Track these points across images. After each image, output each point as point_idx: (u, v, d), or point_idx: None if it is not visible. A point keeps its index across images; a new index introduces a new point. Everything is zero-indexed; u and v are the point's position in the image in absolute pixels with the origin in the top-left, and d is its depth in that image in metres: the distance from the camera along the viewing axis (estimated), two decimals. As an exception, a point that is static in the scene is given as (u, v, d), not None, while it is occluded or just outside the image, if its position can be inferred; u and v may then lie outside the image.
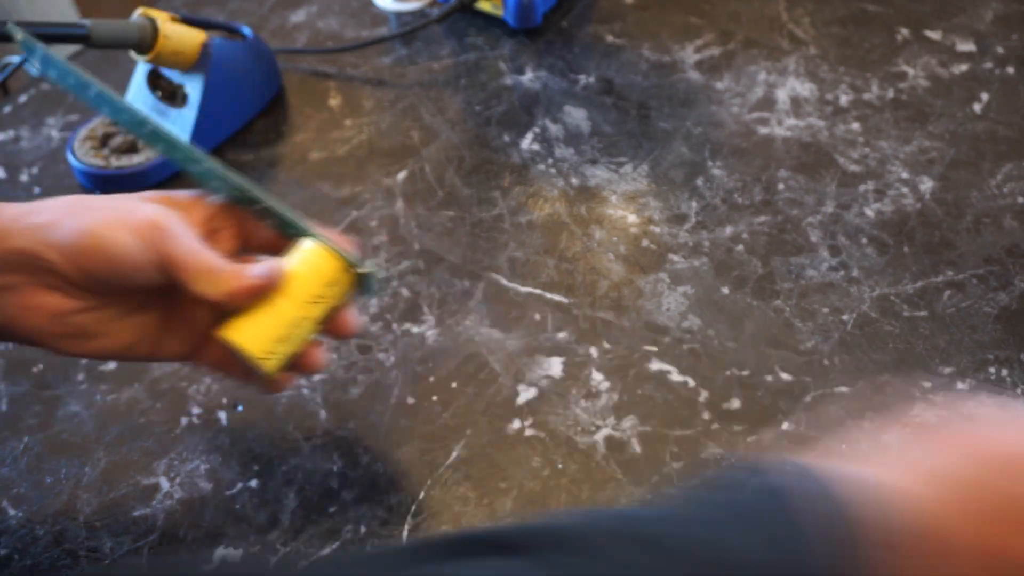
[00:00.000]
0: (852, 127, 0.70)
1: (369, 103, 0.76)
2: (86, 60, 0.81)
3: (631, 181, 0.68)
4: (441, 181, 0.69)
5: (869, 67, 0.75)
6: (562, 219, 0.66)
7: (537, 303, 0.61)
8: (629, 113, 0.73)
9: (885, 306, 0.60)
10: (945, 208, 0.65)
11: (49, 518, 0.53)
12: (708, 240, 0.64)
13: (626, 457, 0.54)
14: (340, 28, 0.83)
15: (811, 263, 0.62)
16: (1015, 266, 0.61)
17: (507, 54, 0.79)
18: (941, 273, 0.61)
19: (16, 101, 0.78)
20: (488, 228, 0.66)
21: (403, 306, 0.62)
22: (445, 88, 0.76)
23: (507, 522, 0.52)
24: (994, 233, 0.63)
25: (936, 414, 0.55)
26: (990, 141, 0.69)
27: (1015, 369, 0.56)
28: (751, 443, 0.54)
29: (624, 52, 0.78)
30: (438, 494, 0.53)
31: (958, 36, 0.77)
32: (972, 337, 0.58)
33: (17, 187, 0.71)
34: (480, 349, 0.59)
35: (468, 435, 0.55)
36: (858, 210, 0.65)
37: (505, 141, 0.72)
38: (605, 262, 0.64)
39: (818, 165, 0.68)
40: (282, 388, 0.50)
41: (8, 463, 0.56)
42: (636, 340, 0.59)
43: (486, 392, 0.57)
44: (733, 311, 0.60)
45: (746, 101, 0.73)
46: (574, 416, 0.56)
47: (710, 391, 0.56)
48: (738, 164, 0.69)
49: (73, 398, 0.58)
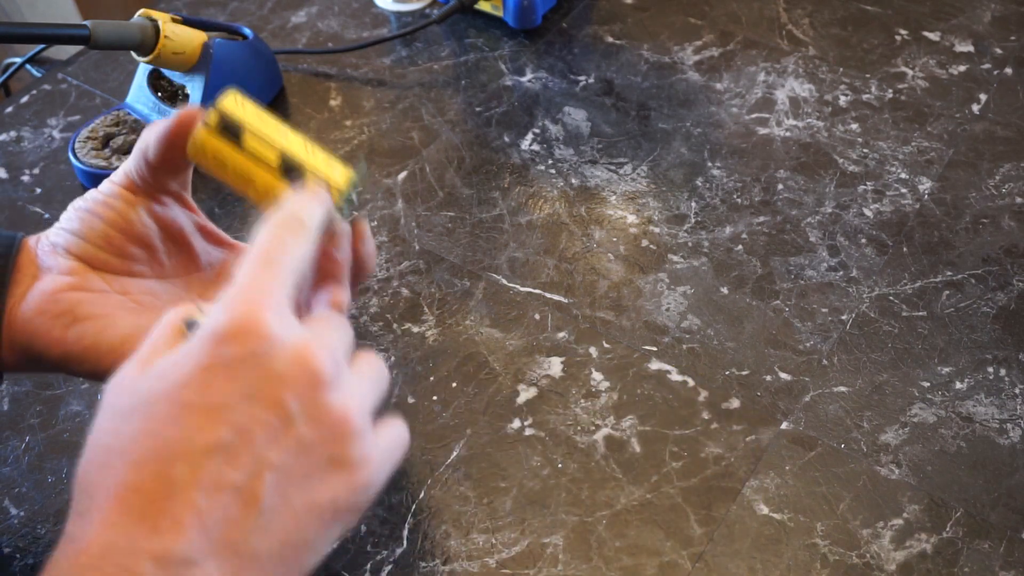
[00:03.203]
0: (851, 128, 0.71)
1: (369, 104, 0.76)
2: (87, 61, 0.81)
3: (631, 181, 0.69)
4: (441, 181, 0.70)
5: (868, 68, 0.75)
6: (562, 219, 0.66)
7: (537, 303, 0.62)
8: (629, 114, 0.73)
9: (884, 306, 0.60)
10: (944, 208, 0.65)
11: (51, 517, 0.53)
12: (707, 240, 0.64)
13: (626, 456, 0.54)
14: (340, 29, 0.83)
15: (810, 263, 0.63)
16: (1013, 266, 0.62)
17: (507, 55, 0.79)
18: (940, 273, 0.62)
19: (17, 101, 0.78)
20: (488, 228, 0.66)
21: (403, 306, 0.62)
22: (445, 89, 0.77)
23: (507, 521, 0.52)
24: (992, 233, 0.64)
25: (935, 413, 0.55)
26: (988, 141, 0.69)
27: (1013, 369, 0.56)
28: (750, 442, 0.54)
29: (624, 53, 0.78)
30: (438, 494, 0.53)
31: (957, 37, 0.77)
32: (970, 337, 0.58)
33: (19, 187, 0.72)
34: (480, 349, 0.59)
35: (468, 435, 0.56)
36: (857, 210, 0.65)
37: (505, 141, 0.72)
38: (605, 262, 0.64)
39: (817, 165, 0.68)
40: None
41: (10, 462, 0.56)
42: (636, 340, 0.59)
43: (486, 392, 0.57)
44: (732, 311, 0.60)
45: (745, 102, 0.73)
46: (574, 416, 0.56)
47: (709, 391, 0.57)
48: (737, 164, 0.69)
49: (75, 398, 0.59)
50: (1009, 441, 0.54)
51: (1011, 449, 0.53)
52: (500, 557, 0.51)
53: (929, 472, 0.53)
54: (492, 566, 0.50)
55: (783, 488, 0.52)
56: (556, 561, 0.50)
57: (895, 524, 0.51)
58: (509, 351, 0.59)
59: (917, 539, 0.50)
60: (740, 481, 0.53)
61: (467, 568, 0.50)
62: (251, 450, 0.32)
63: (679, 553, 0.50)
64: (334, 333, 0.36)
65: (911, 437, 0.54)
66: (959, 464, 0.53)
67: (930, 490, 0.52)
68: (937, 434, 0.54)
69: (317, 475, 0.33)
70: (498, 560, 0.50)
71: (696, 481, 0.53)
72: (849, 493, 0.52)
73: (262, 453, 0.32)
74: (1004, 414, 0.55)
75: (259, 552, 0.32)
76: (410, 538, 0.52)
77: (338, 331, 0.36)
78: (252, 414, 0.32)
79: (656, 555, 0.50)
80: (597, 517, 0.52)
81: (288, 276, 0.35)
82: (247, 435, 0.32)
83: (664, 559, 0.50)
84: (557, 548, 0.51)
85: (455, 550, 0.51)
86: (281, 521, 0.32)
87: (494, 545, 0.51)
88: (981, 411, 0.55)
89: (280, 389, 0.32)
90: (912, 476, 0.52)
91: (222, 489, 0.31)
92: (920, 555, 0.50)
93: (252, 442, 0.32)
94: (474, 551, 0.51)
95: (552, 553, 0.51)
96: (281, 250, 0.35)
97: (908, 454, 0.53)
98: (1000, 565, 0.49)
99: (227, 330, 0.32)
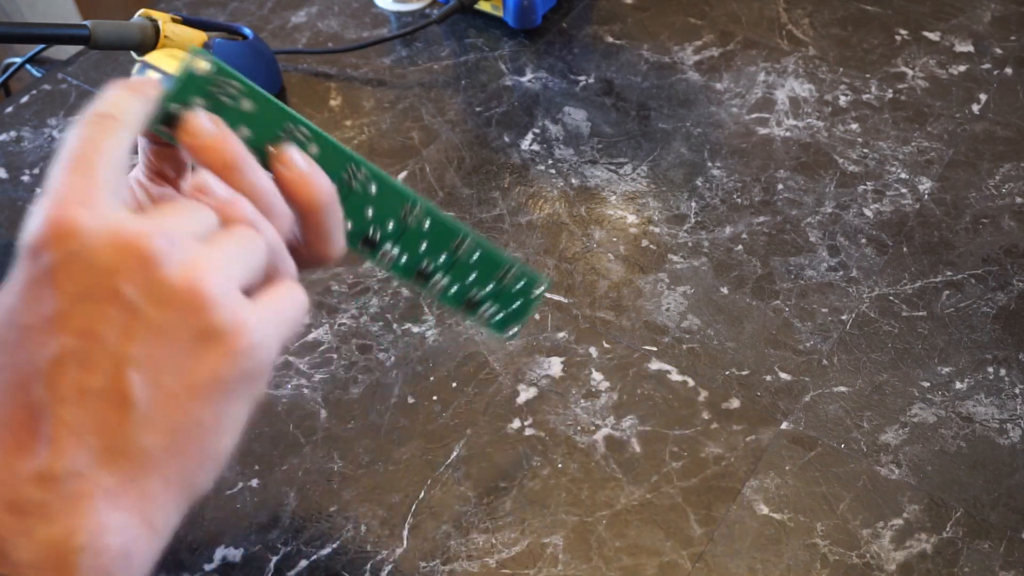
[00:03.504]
0: (851, 127, 0.71)
1: (369, 104, 0.76)
2: (87, 61, 0.81)
3: (631, 181, 0.69)
4: (441, 181, 0.70)
5: (868, 68, 0.75)
6: (562, 219, 0.66)
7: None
8: (629, 114, 0.73)
9: (884, 306, 0.60)
10: (944, 208, 0.65)
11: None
12: (707, 240, 0.64)
13: (626, 456, 0.54)
14: (340, 29, 0.83)
15: (810, 263, 0.63)
16: (1013, 266, 0.62)
17: (507, 55, 0.79)
18: (940, 273, 0.62)
19: (18, 101, 0.78)
20: (488, 228, 0.66)
21: (403, 306, 0.62)
22: (445, 89, 0.77)
23: (507, 521, 0.52)
24: (992, 233, 0.64)
25: (935, 413, 0.55)
26: (988, 141, 0.69)
27: (1013, 369, 0.56)
28: (750, 442, 0.54)
29: (624, 53, 0.78)
30: (438, 494, 0.53)
31: (957, 37, 0.77)
32: (970, 337, 0.58)
33: (19, 187, 0.72)
34: (480, 349, 0.59)
35: (468, 435, 0.56)
36: (857, 210, 0.65)
37: (505, 141, 0.72)
38: (605, 262, 0.64)
39: (817, 165, 0.68)
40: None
41: (10, 463, 0.56)
42: (636, 340, 0.59)
43: (486, 392, 0.57)
44: (732, 311, 0.60)
45: (745, 102, 0.73)
46: (574, 416, 0.56)
47: (709, 391, 0.57)
48: (737, 164, 0.69)
49: (74, 398, 0.59)
50: (1009, 441, 0.54)
51: (1011, 449, 0.53)
52: (500, 557, 0.51)
53: (929, 472, 0.53)
54: (492, 566, 0.50)
55: (783, 488, 0.52)
56: (556, 561, 0.50)
57: (895, 524, 0.51)
58: (509, 351, 0.59)
59: (917, 539, 0.50)
60: (740, 481, 0.53)
61: (467, 568, 0.50)
62: (103, 349, 0.30)
63: (679, 553, 0.50)
64: (171, 213, 0.34)
65: (911, 437, 0.54)
66: (959, 464, 0.53)
67: (930, 490, 0.52)
68: (937, 434, 0.54)
69: (186, 354, 0.31)
70: (498, 560, 0.50)
71: (696, 481, 0.53)
72: (849, 493, 0.52)
73: (116, 349, 0.30)
74: (1004, 414, 0.55)
75: (149, 448, 0.31)
76: (410, 538, 0.52)
77: (179, 210, 0.34)
78: (90, 313, 0.30)
79: (656, 555, 0.50)
80: (597, 517, 0.52)
81: (101, 173, 0.32)
82: (92, 336, 0.30)
83: (664, 559, 0.50)
84: (557, 548, 0.51)
85: (455, 550, 0.51)
86: (163, 412, 0.31)
87: (494, 545, 0.51)
88: (981, 411, 0.55)
89: (109, 279, 0.31)
90: (912, 476, 0.52)
91: (86, 396, 0.30)
92: (920, 555, 0.50)
93: (100, 341, 0.30)
94: (474, 551, 0.51)
95: (552, 553, 0.51)
96: (91, 149, 0.33)
97: (908, 454, 0.53)
98: (1000, 565, 0.49)
99: (39, 239, 0.31)
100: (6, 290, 0.32)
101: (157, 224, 0.32)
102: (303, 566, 0.51)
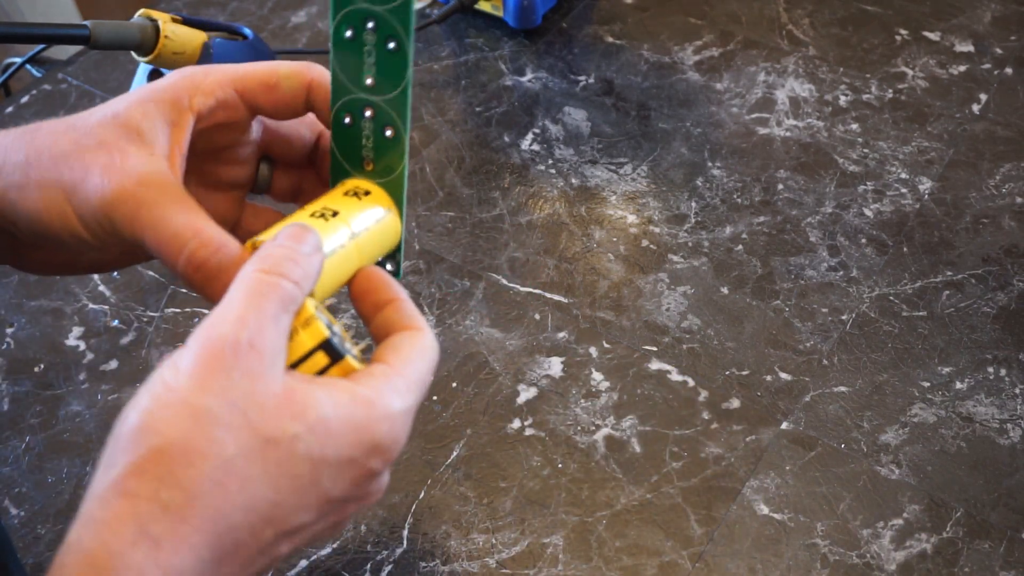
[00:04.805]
0: (851, 127, 0.71)
1: (369, 104, 0.76)
2: (87, 61, 0.81)
3: (631, 181, 0.69)
4: (441, 181, 0.70)
5: (868, 68, 0.75)
6: (562, 219, 0.66)
7: (537, 303, 0.62)
8: (629, 114, 0.73)
9: (884, 306, 0.60)
10: (944, 208, 0.65)
11: (51, 517, 0.53)
12: (708, 240, 0.64)
13: (626, 456, 0.54)
14: (340, 29, 0.83)
15: (810, 263, 0.63)
16: (1013, 266, 0.62)
17: (507, 55, 0.79)
18: (940, 273, 0.62)
19: (18, 101, 0.78)
20: (488, 228, 0.66)
21: (403, 306, 0.62)
22: (445, 89, 0.77)
23: (507, 520, 0.52)
24: (992, 233, 0.64)
25: (935, 413, 0.55)
26: (988, 141, 0.69)
27: (1013, 369, 0.56)
28: (750, 442, 0.54)
29: (624, 53, 0.78)
30: (438, 494, 0.53)
31: (957, 37, 0.77)
32: (971, 337, 0.58)
33: (18, 187, 0.71)
34: (480, 349, 0.59)
35: (468, 435, 0.56)
36: (857, 210, 0.65)
37: (505, 141, 0.72)
38: (605, 262, 0.64)
39: (817, 165, 0.68)
40: None
41: (10, 462, 0.56)
42: (636, 340, 0.59)
43: (486, 392, 0.57)
44: (733, 311, 0.60)
45: (745, 102, 0.73)
46: (574, 416, 0.56)
47: (709, 391, 0.57)
48: (737, 164, 0.69)
49: (75, 398, 0.59)
50: (1009, 441, 0.54)
51: (1011, 449, 0.53)
52: (500, 557, 0.51)
53: (929, 472, 0.53)
54: (492, 566, 0.50)
55: (783, 488, 0.52)
56: (556, 561, 0.50)
57: (895, 524, 0.51)
58: (509, 351, 0.59)
59: (917, 539, 0.50)
60: (740, 481, 0.53)
61: (467, 568, 0.50)
62: (310, 533, 0.34)
63: (679, 553, 0.50)
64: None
65: (911, 437, 0.54)
66: (959, 464, 0.53)
67: (930, 490, 0.52)
68: (937, 434, 0.54)
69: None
70: (498, 560, 0.50)
71: (696, 481, 0.53)
72: (849, 493, 0.52)
73: (310, 535, 0.34)
74: (1004, 414, 0.55)
75: None
76: (410, 538, 0.52)
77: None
78: (341, 513, 0.34)
79: (656, 555, 0.50)
80: (597, 517, 0.52)
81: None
82: (323, 528, 0.34)
83: (664, 559, 0.50)
84: (557, 548, 0.51)
85: (455, 550, 0.51)
86: (264, 560, 0.33)
87: (494, 545, 0.51)
88: (981, 411, 0.55)
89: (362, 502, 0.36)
90: (912, 476, 0.52)
91: (271, 557, 0.33)
92: (920, 555, 0.50)
93: (316, 532, 0.34)
94: (474, 551, 0.51)
95: (552, 553, 0.51)
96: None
97: (908, 454, 0.53)
98: (1000, 565, 0.49)
99: (371, 446, 0.34)
100: (331, 431, 0.33)
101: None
102: (303, 566, 0.51)
